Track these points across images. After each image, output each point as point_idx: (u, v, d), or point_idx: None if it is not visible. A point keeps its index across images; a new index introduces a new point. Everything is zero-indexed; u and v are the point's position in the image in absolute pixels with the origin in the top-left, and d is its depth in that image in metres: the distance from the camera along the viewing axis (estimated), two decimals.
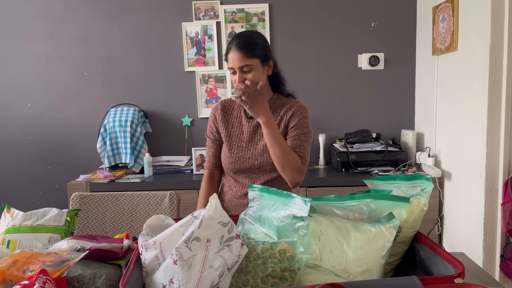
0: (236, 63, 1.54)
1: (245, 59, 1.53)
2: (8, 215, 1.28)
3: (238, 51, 1.53)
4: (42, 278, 0.80)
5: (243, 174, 1.68)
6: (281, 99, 1.69)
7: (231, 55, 1.55)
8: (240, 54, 1.53)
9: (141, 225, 1.82)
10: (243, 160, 1.66)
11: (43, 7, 3.06)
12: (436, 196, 2.56)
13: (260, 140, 1.65)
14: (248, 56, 1.53)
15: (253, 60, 1.54)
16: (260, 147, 1.64)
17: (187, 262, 0.78)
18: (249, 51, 1.54)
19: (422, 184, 1.00)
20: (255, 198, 0.97)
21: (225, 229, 0.82)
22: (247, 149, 1.66)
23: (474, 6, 2.15)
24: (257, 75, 1.56)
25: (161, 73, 3.10)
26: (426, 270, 0.90)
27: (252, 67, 1.54)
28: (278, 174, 1.65)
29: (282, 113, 1.66)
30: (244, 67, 1.54)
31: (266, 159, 1.63)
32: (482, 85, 2.08)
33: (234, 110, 1.73)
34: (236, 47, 1.54)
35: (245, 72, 1.55)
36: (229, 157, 1.68)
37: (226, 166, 1.70)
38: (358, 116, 3.10)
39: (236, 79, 1.56)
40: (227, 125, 1.71)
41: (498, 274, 2.11)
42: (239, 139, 1.68)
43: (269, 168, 1.64)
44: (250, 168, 1.66)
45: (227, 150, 1.69)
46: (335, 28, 3.03)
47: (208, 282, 0.78)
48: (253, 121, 1.67)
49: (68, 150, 3.17)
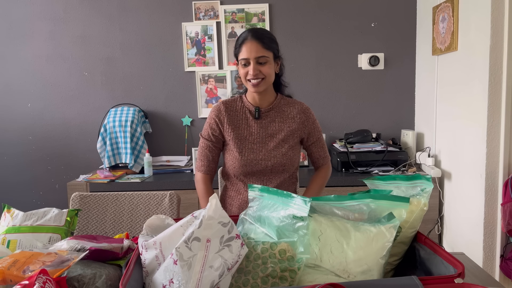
0: (253, 53, 1.50)
1: (263, 50, 1.51)
2: (8, 215, 1.28)
3: (256, 41, 1.51)
4: (42, 278, 0.80)
5: (254, 176, 1.64)
6: (285, 99, 1.69)
7: (247, 45, 1.51)
8: (259, 45, 1.50)
9: (141, 225, 1.82)
10: (255, 163, 1.61)
11: (43, 7, 3.06)
12: (436, 196, 2.56)
13: (271, 140, 1.62)
14: (266, 48, 1.52)
15: (269, 52, 1.53)
16: (272, 148, 1.61)
17: (187, 262, 0.78)
18: (266, 42, 1.52)
19: (422, 184, 1.00)
20: (255, 198, 0.97)
21: (225, 229, 0.82)
22: (258, 150, 1.62)
23: (474, 6, 2.15)
24: (270, 68, 1.54)
25: (161, 73, 3.10)
26: (426, 270, 0.90)
27: (268, 59, 1.52)
28: (289, 174, 1.65)
29: (293, 113, 1.66)
30: (261, 58, 1.51)
31: (278, 160, 1.60)
32: (482, 85, 2.08)
33: (238, 111, 1.67)
34: (253, 37, 1.51)
35: (260, 64, 1.52)
36: (240, 160, 1.62)
37: (236, 170, 1.64)
38: (358, 116, 3.10)
39: (250, 70, 1.52)
40: (233, 127, 1.65)
41: (498, 274, 2.11)
42: (248, 141, 1.63)
43: (282, 168, 1.62)
44: (262, 170, 1.62)
45: (237, 153, 1.63)
46: (335, 28, 3.03)
47: (208, 282, 0.78)
48: (261, 122, 1.64)
49: (68, 150, 3.17)
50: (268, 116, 1.65)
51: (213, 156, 1.71)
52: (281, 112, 1.65)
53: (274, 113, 1.65)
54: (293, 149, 1.66)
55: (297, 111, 1.66)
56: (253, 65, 1.51)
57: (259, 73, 1.53)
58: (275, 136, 1.63)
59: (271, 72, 1.55)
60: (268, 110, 1.65)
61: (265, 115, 1.65)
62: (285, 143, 1.63)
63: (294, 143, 1.66)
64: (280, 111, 1.65)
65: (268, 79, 1.56)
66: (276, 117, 1.65)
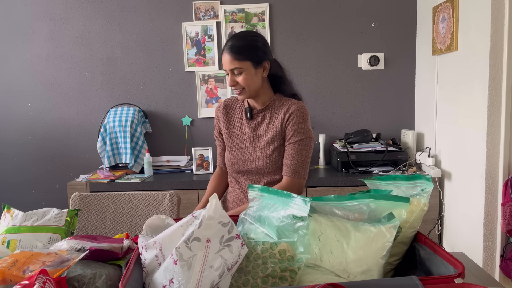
0: (227, 65, 1.55)
1: (235, 62, 1.53)
2: (8, 215, 1.28)
3: (229, 53, 1.53)
4: (42, 278, 0.80)
5: (244, 175, 1.67)
6: (281, 100, 1.64)
7: (223, 57, 1.56)
8: (231, 57, 1.53)
9: (141, 225, 1.82)
10: (242, 162, 1.65)
11: (43, 7, 3.06)
12: (436, 196, 2.56)
13: (259, 142, 1.63)
14: (238, 59, 1.52)
15: (244, 63, 1.53)
16: (259, 149, 1.62)
17: (187, 262, 0.78)
18: (239, 53, 1.53)
19: (422, 184, 1.00)
20: (255, 198, 0.97)
21: (225, 229, 0.81)
22: (246, 151, 1.65)
23: (474, 6, 2.15)
24: (249, 77, 1.54)
25: (161, 73, 3.10)
26: (426, 270, 0.90)
27: (242, 69, 1.53)
28: (279, 176, 1.63)
29: (281, 114, 1.60)
30: (235, 70, 1.54)
31: (263, 162, 1.61)
32: (482, 85, 2.08)
33: (236, 110, 1.72)
34: (227, 50, 1.54)
35: (236, 75, 1.55)
36: (230, 158, 1.68)
37: (228, 167, 1.71)
38: (358, 116, 3.10)
39: (228, 81, 1.58)
40: (228, 126, 1.71)
41: (498, 274, 2.11)
42: (239, 140, 1.68)
43: (268, 171, 1.62)
44: (249, 170, 1.64)
45: (227, 151, 1.70)
46: (335, 28, 3.03)
47: (208, 282, 0.78)
48: (252, 122, 1.66)
49: (68, 150, 3.17)
50: (259, 116, 1.65)
51: (220, 150, 1.78)
52: (272, 114, 1.63)
53: (264, 114, 1.64)
54: (279, 151, 1.61)
55: (285, 111, 1.60)
56: (230, 76, 1.56)
57: (237, 84, 1.56)
58: (262, 138, 1.63)
59: (250, 81, 1.55)
60: (260, 111, 1.65)
61: (257, 115, 1.65)
62: (270, 145, 1.61)
63: (279, 145, 1.61)
64: (271, 112, 1.63)
65: (249, 88, 1.56)
66: (265, 118, 1.64)
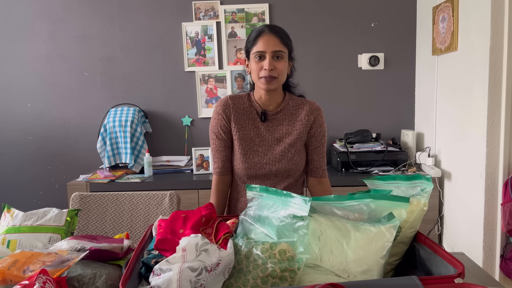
0: (271, 46, 1.44)
1: (281, 45, 1.46)
2: (8, 215, 1.28)
3: (274, 35, 1.46)
4: (42, 278, 0.80)
5: (259, 179, 1.57)
6: (294, 99, 1.60)
7: (264, 38, 1.45)
8: (277, 39, 1.45)
9: (141, 225, 1.82)
10: (259, 166, 1.54)
11: (43, 7, 3.06)
12: (436, 196, 2.56)
13: (278, 144, 1.56)
14: (284, 44, 1.47)
15: (285, 49, 1.48)
16: (278, 152, 1.55)
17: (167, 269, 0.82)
18: (285, 38, 1.49)
19: (422, 184, 1.00)
20: (254, 198, 0.96)
21: (197, 238, 0.86)
22: (264, 154, 1.55)
23: (474, 6, 2.15)
24: (284, 66, 1.49)
25: (161, 73, 3.10)
26: (426, 270, 0.90)
27: (284, 55, 1.47)
28: (295, 179, 1.59)
29: (303, 115, 1.57)
30: (278, 53, 1.45)
31: (284, 165, 1.54)
32: (482, 85, 2.08)
33: (246, 110, 1.59)
34: (272, 32, 1.46)
35: (276, 59, 1.46)
36: (244, 162, 1.55)
37: (240, 171, 1.57)
38: (358, 116, 3.10)
39: (265, 64, 1.45)
40: (240, 127, 1.57)
41: (498, 274, 2.11)
42: (254, 143, 1.56)
43: (287, 174, 1.56)
44: (266, 174, 1.55)
45: (241, 155, 1.55)
46: (335, 28, 3.03)
47: (187, 279, 0.80)
48: (268, 124, 1.57)
49: (68, 150, 3.17)
50: (276, 119, 1.57)
51: (226, 154, 1.60)
52: (290, 115, 1.57)
53: (282, 115, 1.57)
54: (300, 153, 1.58)
55: (306, 112, 1.57)
56: (269, 59, 1.45)
57: (274, 69, 1.46)
58: (282, 140, 1.56)
59: (285, 71, 1.49)
60: (276, 112, 1.57)
61: (272, 117, 1.57)
62: (292, 148, 1.56)
63: (300, 147, 1.58)
64: (289, 114, 1.57)
65: (281, 78, 1.49)
66: (284, 120, 1.57)
